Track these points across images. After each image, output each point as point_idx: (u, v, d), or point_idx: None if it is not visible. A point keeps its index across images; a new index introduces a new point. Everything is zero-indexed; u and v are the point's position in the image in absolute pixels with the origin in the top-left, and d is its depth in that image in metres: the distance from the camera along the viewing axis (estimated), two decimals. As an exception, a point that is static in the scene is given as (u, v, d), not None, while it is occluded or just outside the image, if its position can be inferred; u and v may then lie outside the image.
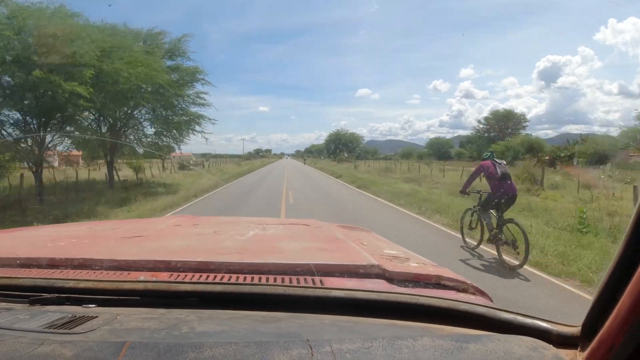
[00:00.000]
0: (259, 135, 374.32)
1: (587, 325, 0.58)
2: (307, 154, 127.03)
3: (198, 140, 17.57)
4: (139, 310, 0.69)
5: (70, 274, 0.86)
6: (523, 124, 67.18)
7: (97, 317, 0.64)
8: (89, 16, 12.62)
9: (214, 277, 0.84)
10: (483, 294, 0.86)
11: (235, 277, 0.84)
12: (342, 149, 77.44)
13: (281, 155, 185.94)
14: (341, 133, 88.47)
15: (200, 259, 0.91)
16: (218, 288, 0.74)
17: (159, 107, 15.13)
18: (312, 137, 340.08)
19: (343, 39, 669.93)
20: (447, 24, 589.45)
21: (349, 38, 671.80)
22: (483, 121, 69.01)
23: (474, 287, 0.87)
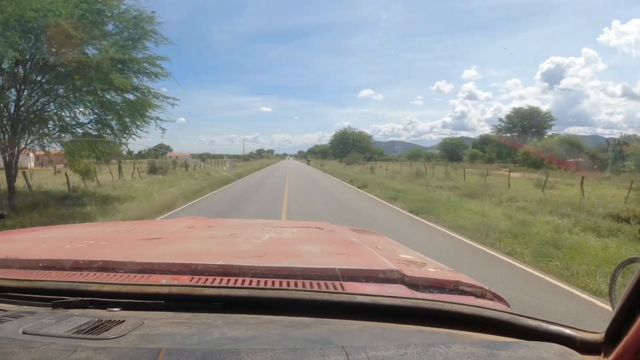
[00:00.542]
0: (262, 135, 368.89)
1: (610, 332, 0.58)
2: (311, 155, 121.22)
3: (154, 132, 10.97)
4: (165, 315, 0.68)
5: (92, 276, 0.85)
6: (549, 122, 60.83)
7: (124, 321, 0.63)
8: None
9: (235, 280, 0.82)
10: (501, 300, 0.87)
11: (257, 281, 0.82)
12: (350, 150, 71.08)
13: (283, 156, 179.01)
14: (348, 132, 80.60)
15: (221, 262, 0.90)
16: (243, 292, 0.73)
17: (79, 78, 9.20)
18: (315, 138, 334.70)
19: (346, 40, 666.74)
20: (451, 24, 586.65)
21: (353, 38, 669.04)
22: (505, 120, 63.00)
23: (491, 292, 0.86)
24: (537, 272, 5.21)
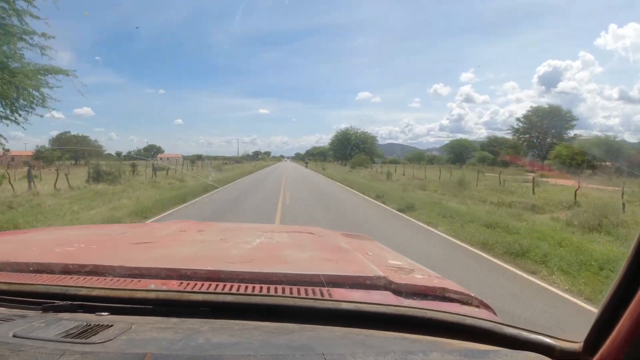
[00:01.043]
0: (260, 137, 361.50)
1: (589, 342, 0.58)
2: (308, 157, 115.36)
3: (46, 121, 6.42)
4: (152, 319, 0.69)
5: (82, 280, 0.84)
6: (571, 122, 55.45)
7: (112, 325, 0.64)
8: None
9: (223, 286, 0.82)
10: (487, 307, 0.87)
11: (245, 287, 0.82)
12: (352, 151, 65.26)
13: (280, 158, 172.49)
14: (350, 132, 73.69)
15: (209, 268, 0.90)
16: (229, 298, 0.73)
17: None
18: (313, 140, 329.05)
19: (344, 42, 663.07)
20: (449, 28, 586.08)
21: (351, 41, 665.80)
22: (523, 119, 57.53)
23: (478, 300, 0.87)
24: None
